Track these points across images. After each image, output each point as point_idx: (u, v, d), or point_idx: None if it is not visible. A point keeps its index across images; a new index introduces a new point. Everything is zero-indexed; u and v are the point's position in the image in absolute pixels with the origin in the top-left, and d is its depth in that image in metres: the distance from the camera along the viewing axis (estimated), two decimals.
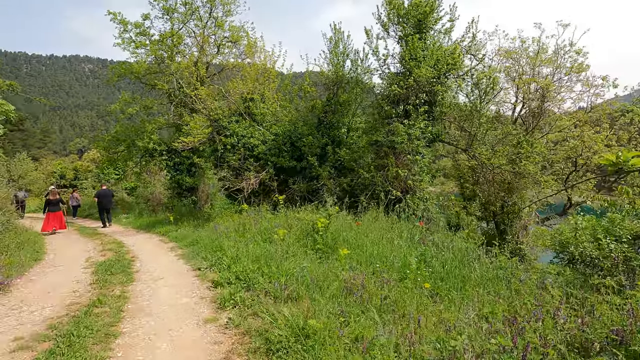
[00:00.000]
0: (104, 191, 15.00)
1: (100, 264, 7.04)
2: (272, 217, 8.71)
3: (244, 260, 6.05)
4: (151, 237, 11.17)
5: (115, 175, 27.29)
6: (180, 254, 8.11)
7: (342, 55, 12.16)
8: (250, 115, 12.21)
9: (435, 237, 5.90)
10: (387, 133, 9.06)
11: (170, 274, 6.33)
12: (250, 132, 11.64)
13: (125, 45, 16.49)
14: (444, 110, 9.96)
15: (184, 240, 9.50)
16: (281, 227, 7.68)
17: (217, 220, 10.56)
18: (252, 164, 11.26)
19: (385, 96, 9.82)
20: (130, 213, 17.71)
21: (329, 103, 12.46)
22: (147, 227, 13.45)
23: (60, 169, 31.92)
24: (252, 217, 8.89)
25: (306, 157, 11.37)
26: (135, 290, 5.35)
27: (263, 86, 12.53)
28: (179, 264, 7.17)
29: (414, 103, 9.41)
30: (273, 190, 11.19)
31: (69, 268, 7.04)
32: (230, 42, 16.98)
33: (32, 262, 7.51)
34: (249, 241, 7.24)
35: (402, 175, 8.29)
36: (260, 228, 7.86)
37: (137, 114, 16.60)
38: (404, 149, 8.54)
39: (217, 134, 11.79)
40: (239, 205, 11.59)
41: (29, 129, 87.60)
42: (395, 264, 5.08)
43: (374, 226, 7.19)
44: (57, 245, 10.18)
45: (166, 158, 16.42)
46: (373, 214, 7.79)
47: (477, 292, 4.21)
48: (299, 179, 11.40)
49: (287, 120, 12.00)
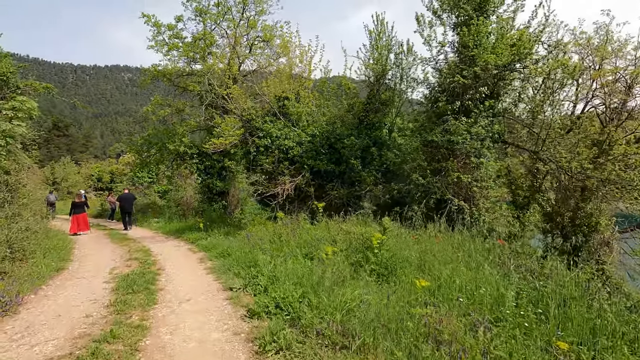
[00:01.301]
0: (126, 195, 15.10)
1: (123, 278, 6.30)
2: (311, 228, 7.69)
3: (284, 281, 5.04)
4: (180, 244, 10.50)
5: (148, 179, 27.54)
6: (210, 267, 7.26)
7: (385, 49, 11.05)
8: (285, 115, 11.34)
9: (525, 261, 4.60)
10: (443, 132, 7.82)
11: (198, 294, 5.44)
12: (285, 133, 10.75)
13: (159, 47, 16.27)
14: (509, 106, 8.56)
15: (213, 250, 8.70)
16: (324, 241, 6.63)
17: (249, 229, 9.70)
18: (287, 167, 10.34)
19: (438, 91, 8.57)
20: (160, 217, 17.40)
21: (370, 101, 11.36)
22: (176, 232, 12.89)
23: (97, 172, 32.86)
24: (288, 227, 7.92)
25: (345, 161, 10.30)
26: (157, 317, 4.47)
27: (298, 84, 11.64)
28: (208, 280, 6.29)
29: (474, 97, 8.11)
30: (309, 196, 10.20)
31: (90, 281, 6.36)
32: (263, 41, 16.34)
33: (53, 272, 6.93)
34: (287, 256, 6.25)
35: (464, 180, 7.01)
36: (300, 241, 6.84)
37: (168, 116, 16.29)
38: (466, 150, 7.25)
39: (250, 135, 11.00)
40: (273, 212, 10.71)
41: (73, 134, 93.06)
42: (482, 296, 3.85)
43: (439, 243, 5.96)
44: (85, 251, 9.71)
45: (197, 161, 15.92)
46: (432, 228, 6.56)
47: (621, 351, 2.92)
48: (337, 184, 10.34)
49: (325, 120, 11.00)
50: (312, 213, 8.63)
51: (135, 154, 18.34)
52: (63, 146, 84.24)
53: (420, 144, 7.71)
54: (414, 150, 7.55)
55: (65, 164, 45.26)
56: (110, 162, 38.36)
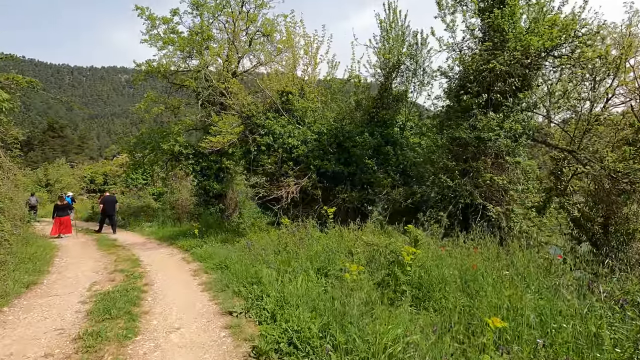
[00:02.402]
0: (108, 197, 15.00)
1: (102, 297, 5.32)
2: (321, 237, 6.74)
3: (296, 305, 4.10)
4: (173, 252, 9.51)
5: (142, 180, 26.50)
6: (206, 281, 6.29)
7: (397, 40, 10.17)
8: (289, 111, 10.42)
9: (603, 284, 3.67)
10: (470, 129, 6.92)
11: (190, 320, 4.47)
12: (289, 131, 9.82)
13: (153, 41, 15.30)
14: (540, 100, 7.67)
15: (210, 260, 7.73)
16: (339, 253, 5.69)
17: (249, 236, 8.75)
18: (291, 168, 9.40)
19: (462, 83, 7.68)
20: (154, 221, 16.39)
21: (380, 97, 10.46)
22: (170, 238, 11.89)
23: (90, 173, 31.78)
24: (295, 235, 6.97)
25: (355, 161, 9.38)
26: (137, 355, 3.51)
27: (303, 78, 10.74)
28: (203, 299, 5.32)
29: (503, 90, 7.23)
30: (316, 199, 9.26)
31: (63, 300, 5.38)
32: (263, 35, 15.43)
33: (22, 288, 5.93)
34: (297, 272, 5.30)
35: (499, 183, 6.10)
36: (310, 253, 5.89)
37: (163, 114, 15.31)
38: (498, 148, 6.35)
39: (250, 133, 10.05)
40: (275, 216, 9.77)
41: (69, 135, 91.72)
42: (566, 335, 2.92)
43: (476, 257, 5.04)
44: (67, 260, 8.71)
45: (193, 162, 14.92)
46: (463, 237, 5.63)
47: None
48: (346, 187, 9.41)
49: (332, 117, 10.09)
50: (320, 219, 7.70)
51: (128, 155, 17.41)
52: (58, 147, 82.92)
53: (446, 142, 6.79)
54: (438, 149, 6.65)
55: (60, 165, 44.17)
56: (104, 163, 37.27)
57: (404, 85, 10.53)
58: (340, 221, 7.61)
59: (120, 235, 14.05)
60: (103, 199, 15.10)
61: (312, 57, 10.45)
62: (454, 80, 7.67)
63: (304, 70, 10.82)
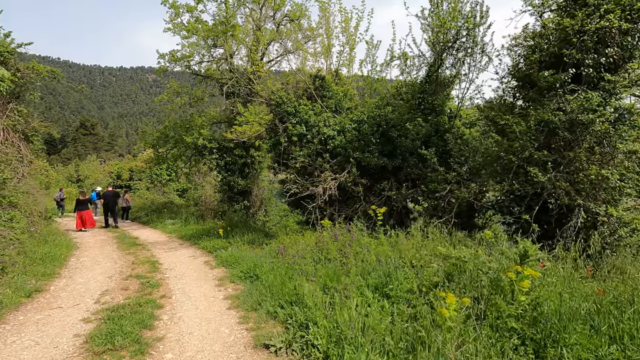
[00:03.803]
0: (110, 192, 15.12)
1: (110, 314, 4.36)
2: (371, 243, 5.52)
3: (357, 343, 2.93)
4: (195, 254, 8.58)
5: (166, 176, 26.18)
6: (233, 294, 5.24)
7: (451, 14, 8.75)
8: (323, 98, 9.24)
9: None
10: (555, 111, 5.48)
11: (215, 356, 3.40)
12: (324, 119, 8.65)
13: (176, 30, 14.54)
14: None
15: (236, 265, 6.70)
16: (399, 265, 4.47)
17: (280, 238, 7.66)
18: (327, 161, 8.22)
19: (542, 57, 6.20)
20: (177, 218, 15.71)
21: (429, 80, 9.08)
22: (192, 237, 11.01)
23: (117, 169, 31.98)
24: (337, 239, 5.79)
25: (401, 153, 8.09)
26: None
27: (340, 59, 9.52)
28: (230, 322, 4.24)
29: (598, 63, 5.74)
30: (355, 197, 8.04)
31: (64, 317, 4.45)
32: (291, 20, 14.33)
33: (23, 298, 5.08)
34: (348, 290, 4.12)
35: (608, 178, 4.66)
36: (363, 265, 4.69)
37: (186, 104, 14.54)
38: (607, 133, 4.90)
39: (281, 123, 8.96)
40: (307, 215, 8.65)
41: (99, 133, 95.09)
42: None
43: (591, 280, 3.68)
44: (82, 261, 7.95)
45: (217, 156, 14.08)
46: (574, 252, 4.25)
47: None
48: (390, 183, 8.13)
49: (374, 103, 8.82)
50: (368, 220, 6.48)
51: (151, 149, 16.85)
52: (90, 145, 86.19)
53: (534, 125, 5.32)
54: (523, 135, 5.25)
55: (91, 161, 45.31)
56: (129, 159, 37.62)
57: (455, 67, 9.10)
58: (391, 224, 6.37)
59: (142, 232, 13.41)
60: (104, 194, 15.25)
61: (350, 35, 9.19)
62: (529, 53, 6.20)
63: (339, 51, 9.60)
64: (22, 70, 10.82)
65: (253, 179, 14.94)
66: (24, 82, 10.83)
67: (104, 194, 15.18)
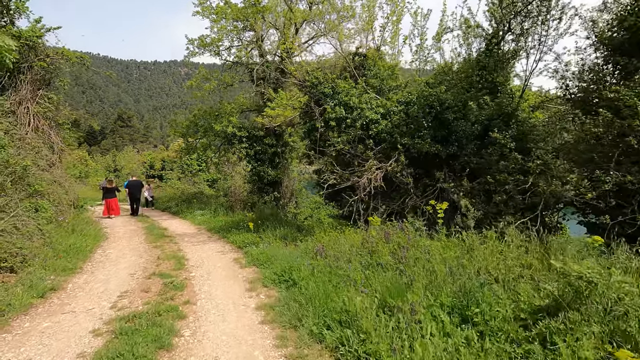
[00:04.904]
0: (134, 182, 15.55)
1: (123, 326, 3.67)
2: (433, 246, 4.48)
3: None
4: (224, 249, 7.91)
5: (197, 166, 26.15)
6: (266, 302, 4.42)
7: None
8: (364, 77, 8.17)
9: None
10: None
11: None
12: (366, 101, 7.60)
13: (206, 13, 13.88)
14: None
15: (269, 266, 5.91)
16: (475, 278, 3.43)
17: (317, 236, 6.77)
18: (370, 148, 7.20)
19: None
20: (206, 209, 15.32)
21: (489, 54, 7.76)
22: (221, 230, 10.41)
23: (150, 159, 32.58)
24: (390, 240, 4.80)
25: (457, 139, 6.90)
26: None
27: (382, 35, 8.38)
28: (264, 344, 3.41)
29: None
30: (404, 189, 6.98)
31: (73, 326, 3.82)
32: None
33: (35, 298, 4.54)
34: (416, 310, 3.14)
35: None
36: (434, 280, 3.68)
37: (215, 90, 13.93)
38: None
39: (317, 105, 8.01)
40: (342, 209, 7.73)
41: (135, 125, 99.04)
42: None
43: None
44: (108, 253, 7.51)
45: (246, 146, 13.43)
46: None
47: None
48: (444, 174, 6.98)
49: (425, 81, 7.64)
50: (427, 218, 5.42)
51: (182, 139, 16.53)
52: (126, 136, 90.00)
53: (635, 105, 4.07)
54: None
55: (127, 152, 47.05)
56: (162, 149, 38.35)
57: (523, 38, 7.71)
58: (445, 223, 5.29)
59: (172, 222, 13.09)
60: (128, 183, 15.55)
61: (396, 4, 8.01)
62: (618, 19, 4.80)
63: (382, 25, 8.45)
64: (52, 55, 10.56)
65: (283, 169, 14.19)
66: (54, 68, 10.56)
67: (128, 183, 15.53)
